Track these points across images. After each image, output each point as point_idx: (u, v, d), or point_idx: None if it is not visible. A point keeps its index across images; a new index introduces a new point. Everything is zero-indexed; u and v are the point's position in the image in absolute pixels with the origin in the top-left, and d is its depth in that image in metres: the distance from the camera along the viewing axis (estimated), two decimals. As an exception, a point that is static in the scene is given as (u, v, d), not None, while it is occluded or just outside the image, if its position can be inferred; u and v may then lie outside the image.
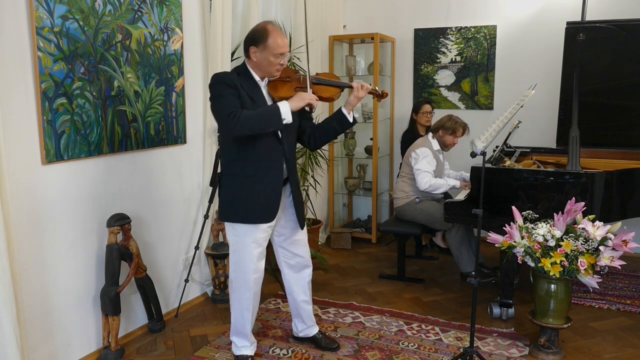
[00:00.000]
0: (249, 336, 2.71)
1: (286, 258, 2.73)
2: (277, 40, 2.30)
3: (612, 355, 2.83)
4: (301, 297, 2.80)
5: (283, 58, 2.35)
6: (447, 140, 3.94)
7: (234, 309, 2.66)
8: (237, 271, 2.56)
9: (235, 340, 2.71)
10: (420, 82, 5.11)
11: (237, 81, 2.33)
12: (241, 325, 2.66)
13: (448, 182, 3.86)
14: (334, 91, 2.50)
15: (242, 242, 2.50)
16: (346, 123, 2.52)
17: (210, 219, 3.48)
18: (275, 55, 2.31)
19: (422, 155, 3.86)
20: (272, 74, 2.39)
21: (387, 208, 5.34)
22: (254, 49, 2.34)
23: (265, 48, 2.30)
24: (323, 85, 2.47)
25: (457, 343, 2.94)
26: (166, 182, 3.20)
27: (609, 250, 2.51)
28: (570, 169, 3.04)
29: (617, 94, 3.68)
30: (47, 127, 2.39)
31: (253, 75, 2.41)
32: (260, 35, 2.32)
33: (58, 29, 2.41)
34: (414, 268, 4.25)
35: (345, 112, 2.48)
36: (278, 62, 2.34)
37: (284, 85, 2.43)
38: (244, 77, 2.38)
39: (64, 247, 2.56)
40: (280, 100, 2.35)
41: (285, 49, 2.33)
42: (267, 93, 2.45)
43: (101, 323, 2.77)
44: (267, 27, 2.33)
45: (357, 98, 2.45)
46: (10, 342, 2.11)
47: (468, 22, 4.85)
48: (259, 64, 2.36)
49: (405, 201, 3.96)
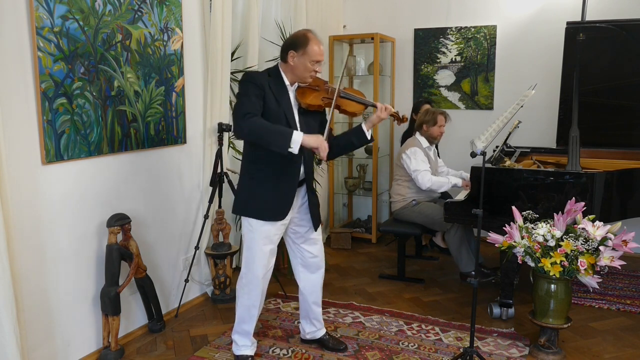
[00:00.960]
0: (251, 335, 2.72)
1: (301, 257, 2.76)
2: (315, 47, 2.40)
3: (612, 355, 2.83)
4: (313, 298, 2.81)
5: (318, 65, 2.44)
6: (434, 132, 3.93)
7: (240, 305, 2.66)
8: (248, 267, 2.59)
9: (236, 339, 2.72)
10: (420, 82, 5.11)
11: (266, 81, 2.40)
12: (246, 322, 2.66)
13: (450, 180, 3.84)
14: (358, 107, 2.57)
15: (255, 238, 2.53)
16: (364, 139, 2.58)
17: (210, 219, 3.48)
18: (312, 61, 2.41)
19: (413, 155, 3.85)
20: (305, 79, 2.46)
21: (387, 208, 5.34)
22: (293, 53, 2.42)
23: (305, 54, 2.40)
24: (349, 100, 2.55)
25: (457, 343, 2.94)
26: (166, 182, 3.20)
27: (609, 250, 2.51)
28: (570, 169, 3.04)
29: (617, 94, 3.68)
30: (47, 127, 2.39)
31: (283, 79, 2.48)
32: (301, 41, 2.41)
33: (58, 29, 2.41)
34: (414, 268, 4.25)
35: (365, 128, 2.55)
36: (313, 69, 2.43)
37: (312, 92, 2.50)
38: (274, 78, 2.46)
39: (64, 247, 2.56)
40: (306, 106, 2.46)
41: (321, 57, 2.43)
42: (295, 98, 2.50)
43: (101, 323, 2.77)
44: (308, 34, 2.44)
45: (379, 118, 2.52)
46: (10, 342, 2.11)
47: (468, 22, 4.85)
48: (295, 68, 2.43)
49: (402, 204, 3.96)
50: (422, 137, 3.98)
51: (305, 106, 2.47)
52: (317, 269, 2.78)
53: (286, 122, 2.42)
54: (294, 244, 2.75)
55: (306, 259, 2.75)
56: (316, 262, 2.76)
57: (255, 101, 2.35)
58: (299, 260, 2.77)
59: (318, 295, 2.82)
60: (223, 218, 3.50)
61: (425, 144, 3.97)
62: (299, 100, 2.48)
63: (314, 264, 2.76)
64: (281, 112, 2.42)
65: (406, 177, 3.94)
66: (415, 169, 3.82)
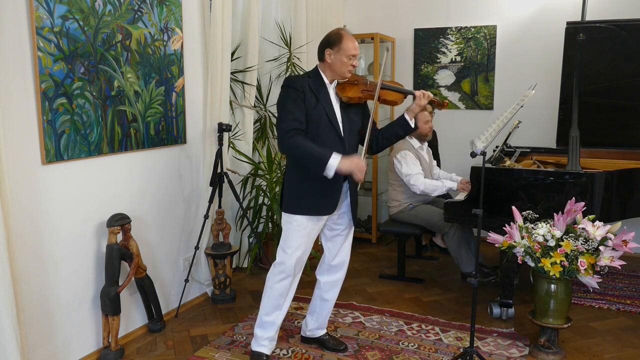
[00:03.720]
0: (275, 329, 2.69)
1: (330, 255, 2.80)
2: (349, 43, 2.49)
3: (612, 355, 2.83)
4: (328, 295, 2.84)
5: (355, 59, 2.53)
6: (422, 130, 3.89)
7: (266, 295, 2.66)
8: (281, 255, 2.62)
9: (258, 332, 2.69)
10: (420, 82, 5.11)
11: (306, 83, 2.50)
12: (269, 314, 2.65)
13: (445, 184, 3.82)
14: (397, 96, 2.65)
15: (295, 231, 2.58)
16: (408, 128, 2.66)
17: (210, 219, 3.47)
18: (348, 56, 2.49)
19: (404, 160, 3.83)
20: (344, 74, 2.54)
21: (387, 208, 5.32)
22: (329, 51, 2.51)
23: (340, 50, 2.49)
24: (388, 90, 2.64)
25: (457, 343, 2.94)
26: (166, 182, 3.20)
27: (609, 250, 2.51)
28: (570, 169, 3.04)
29: (617, 94, 3.68)
30: (47, 127, 2.39)
31: (323, 78, 2.57)
32: (336, 39, 2.51)
33: (58, 29, 2.41)
34: (414, 268, 4.25)
35: (407, 118, 2.62)
36: (350, 63, 2.51)
37: (352, 87, 2.59)
38: (314, 79, 2.56)
39: (64, 247, 2.56)
40: (348, 100, 2.55)
41: (357, 51, 2.52)
42: (335, 94, 2.58)
43: (101, 323, 2.77)
44: (341, 32, 2.54)
45: (419, 106, 2.59)
46: (10, 342, 2.11)
47: (468, 22, 4.85)
48: (333, 65, 2.52)
49: (398, 209, 3.95)
50: (412, 138, 3.95)
51: (346, 100, 2.56)
52: (340, 268, 2.82)
53: (327, 118, 2.50)
54: (328, 242, 2.79)
55: (332, 257, 2.79)
56: (341, 262, 2.81)
57: (296, 111, 2.44)
58: (327, 257, 2.81)
59: (334, 294, 2.86)
60: (223, 218, 3.50)
61: (416, 144, 3.95)
62: (340, 95, 2.56)
63: (339, 263, 2.81)
64: (321, 110, 2.49)
65: (400, 182, 3.92)
66: (407, 173, 3.80)
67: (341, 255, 2.80)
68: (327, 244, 2.81)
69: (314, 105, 2.49)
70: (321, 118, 2.49)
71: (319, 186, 2.52)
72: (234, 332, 3.09)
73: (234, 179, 3.71)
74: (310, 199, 2.55)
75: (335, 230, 2.75)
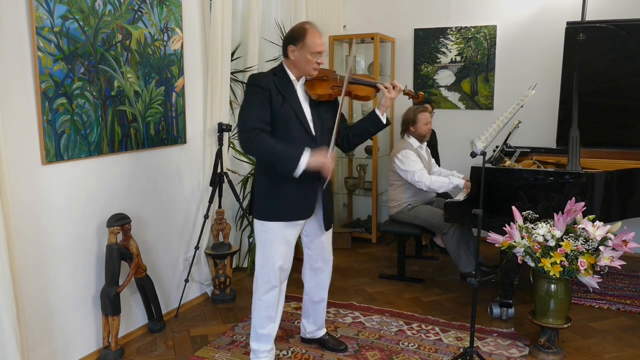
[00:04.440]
0: (271, 340, 2.59)
1: (310, 259, 2.72)
2: (315, 39, 2.34)
3: (612, 355, 2.83)
4: (317, 297, 2.79)
5: (320, 56, 2.38)
6: (421, 130, 3.89)
7: (256, 309, 2.56)
8: (264, 267, 2.51)
9: (255, 346, 2.59)
10: (420, 82, 5.11)
11: (271, 81, 2.37)
12: (262, 326, 2.55)
13: (452, 180, 3.76)
14: (369, 91, 2.54)
15: (271, 239, 2.47)
16: (380, 124, 2.55)
17: (210, 219, 3.47)
18: (312, 53, 2.34)
19: (405, 158, 3.81)
20: (309, 72, 2.41)
21: (387, 208, 5.33)
22: (292, 47, 2.37)
23: (304, 46, 2.34)
24: (359, 84, 2.52)
25: (457, 343, 2.94)
26: (166, 182, 3.20)
27: (609, 250, 2.51)
28: (570, 169, 3.04)
29: (617, 94, 3.68)
30: (47, 127, 2.39)
31: (289, 75, 2.43)
32: (299, 34, 2.36)
33: (58, 29, 2.41)
34: (414, 268, 4.25)
35: (378, 113, 2.51)
36: (315, 61, 2.37)
37: (321, 83, 2.47)
38: (279, 76, 2.42)
39: (64, 247, 2.56)
40: (317, 97, 2.42)
41: (322, 48, 2.37)
42: (304, 92, 2.45)
43: (101, 323, 2.77)
44: (305, 26, 2.38)
45: (390, 99, 2.48)
46: (10, 342, 2.11)
47: (468, 22, 4.85)
48: (297, 62, 2.38)
49: (397, 209, 3.95)
50: (412, 138, 3.95)
51: (315, 98, 2.43)
52: (323, 270, 2.74)
53: (296, 117, 2.37)
54: (305, 247, 2.71)
55: (315, 263, 2.72)
56: (323, 264, 2.73)
57: (260, 110, 2.31)
58: (307, 262, 2.74)
59: (323, 296, 2.80)
60: (223, 218, 3.50)
61: (416, 144, 3.94)
62: (309, 93, 2.44)
63: (321, 266, 2.73)
64: (289, 109, 2.36)
65: (400, 182, 3.91)
66: (411, 169, 3.78)
67: (322, 257, 2.71)
68: (305, 249, 2.71)
69: (281, 105, 2.35)
70: (290, 118, 2.36)
71: (294, 189, 2.39)
72: (234, 332, 3.09)
73: (234, 179, 3.71)
74: (284, 204, 2.42)
75: (310, 235, 2.65)
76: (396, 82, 2.50)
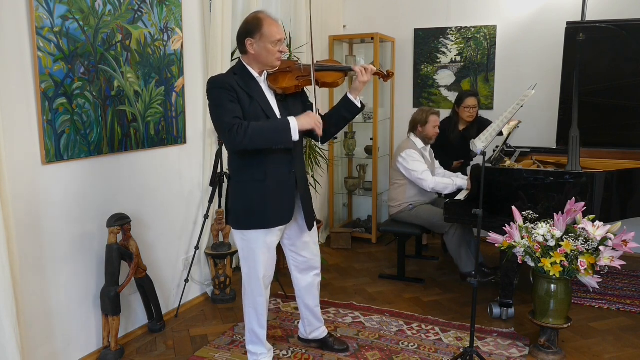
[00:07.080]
0: (265, 342, 2.63)
1: (295, 262, 2.68)
2: (273, 27, 2.25)
3: (612, 355, 2.83)
4: (309, 300, 2.75)
5: (281, 44, 2.28)
6: (428, 132, 3.88)
7: (248, 315, 2.57)
8: (250, 276, 2.49)
9: (251, 349, 2.62)
10: (420, 82, 5.11)
11: (233, 81, 2.26)
12: (257, 331, 2.58)
13: (455, 181, 3.74)
14: (337, 76, 2.44)
15: (253, 249, 2.42)
16: (355, 109, 2.45)
17: (210, 219, 3.48)
18: (272, 42, 2.25)
19: (410, 157, 3.80)
20: (273, 63, 2.32)
21: (387, 208, 5.31)
22: (250, 40, 2.27)
23: (262, 37, 2.24)
24: (326, 71, 2.43)
25: (457, 343, 2.94)
26: (166, 182, 3.20)
27: (609, 250, 2.51)
28: (570, 169, 3.04)
29: (617, 94, 3.68)
30: (47, 127, 2.39)
31: (250, 72, 2.33)
32: (254, 25, 2.25)
33: (58, 29, 2.41)
34: (414, 268, 4.25)
35: (352, 98, 2.42)
36: (277, 50, 2.27)
37: (285, 75, 2.36)
38: (240, 75, 2.31)
39: (64, 247, 2.56)
40: (283, 91, 2.33)
41: (281, 35, 2.27)
42: (268, 87, 2.37)
43: (101, 323, 2.77)
44: (259, 15, 2.28)
45: (363, 82, 2.38)
46: (10, 342, 2.11)
47: (468, 22, 4.85)
48: (258, 55, 2.28)
49: (398, 209, 3.94)
50: (417, 138, 3.94)
51: (281, 91, 2.34)
52: (310, 271, 2.70)
53: (264, 115, 2.29)
54: (289, 250, 2.66)
55: (301, 264, 2.68)
56: (310, 265, 2.69)
57: (232, 108, 2.21)
58: (293, 265, 2.69)
59: (315, 297, 2.76)
60: (223, 218, 3.50)
61: (420, 145, 3.93)
62: (273, 88, 2.34)
63: (308, 267, 2.69)
64: (257, 107, 2.28)
65: (402, 181, 3.90)
66: (414, 170, 3.77)
67: (309, 257, 2.66)
68: (290, 253, 2.66)
69: (249, 103, 2.25)
70: (258, 116, 2.26)
71: (269, 193, 2.33)
72: (234, 332, 3.09)
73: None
74: (262, 210, 2.34)
75: (292, 238, 2.60)
76: (368, 65, 2.41)
